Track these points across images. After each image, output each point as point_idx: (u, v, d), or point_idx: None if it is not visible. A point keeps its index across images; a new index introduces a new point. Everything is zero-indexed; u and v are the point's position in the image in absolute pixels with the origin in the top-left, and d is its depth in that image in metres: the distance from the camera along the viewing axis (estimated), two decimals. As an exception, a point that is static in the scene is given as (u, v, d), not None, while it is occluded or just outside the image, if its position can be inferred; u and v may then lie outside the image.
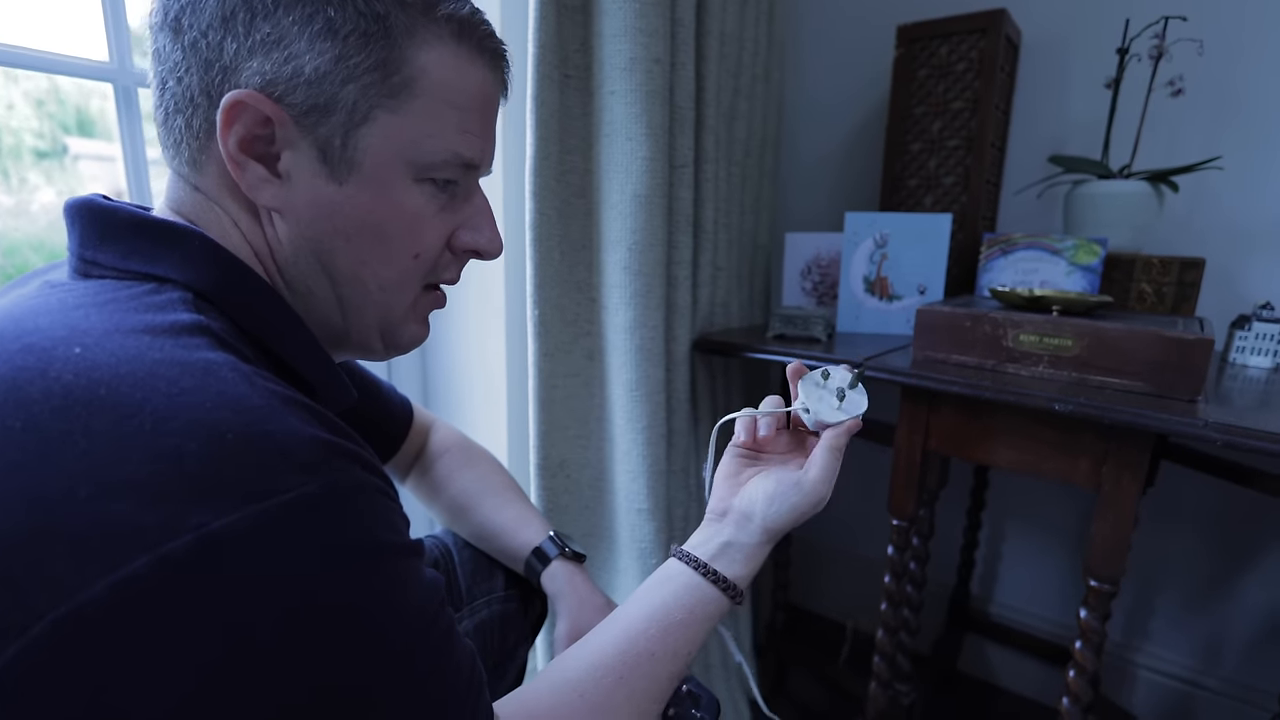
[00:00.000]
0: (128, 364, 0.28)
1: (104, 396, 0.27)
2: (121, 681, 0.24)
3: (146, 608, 0.24)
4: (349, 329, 0.43)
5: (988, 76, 0.99)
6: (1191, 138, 0.99)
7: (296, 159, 0.37)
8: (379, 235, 0.39)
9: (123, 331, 0.30)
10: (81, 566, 0.24)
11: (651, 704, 0.45)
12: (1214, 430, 0.62)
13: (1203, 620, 1.11)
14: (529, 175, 0.83)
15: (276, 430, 0.28)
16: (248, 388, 0.29)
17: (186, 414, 0.27)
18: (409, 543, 0.33)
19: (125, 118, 0.84)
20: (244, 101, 0.34)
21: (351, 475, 0.30)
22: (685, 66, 0.90)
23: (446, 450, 0.70)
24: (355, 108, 0.36)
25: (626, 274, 0.88)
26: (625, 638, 0.45)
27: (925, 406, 0.84)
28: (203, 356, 0.30)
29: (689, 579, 0.48)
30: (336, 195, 0.38)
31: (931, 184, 1.06)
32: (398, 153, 0.38)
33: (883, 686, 0.94)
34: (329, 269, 0.40)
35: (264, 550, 0.26)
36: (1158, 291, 0.93)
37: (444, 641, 0.34)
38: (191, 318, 0.32)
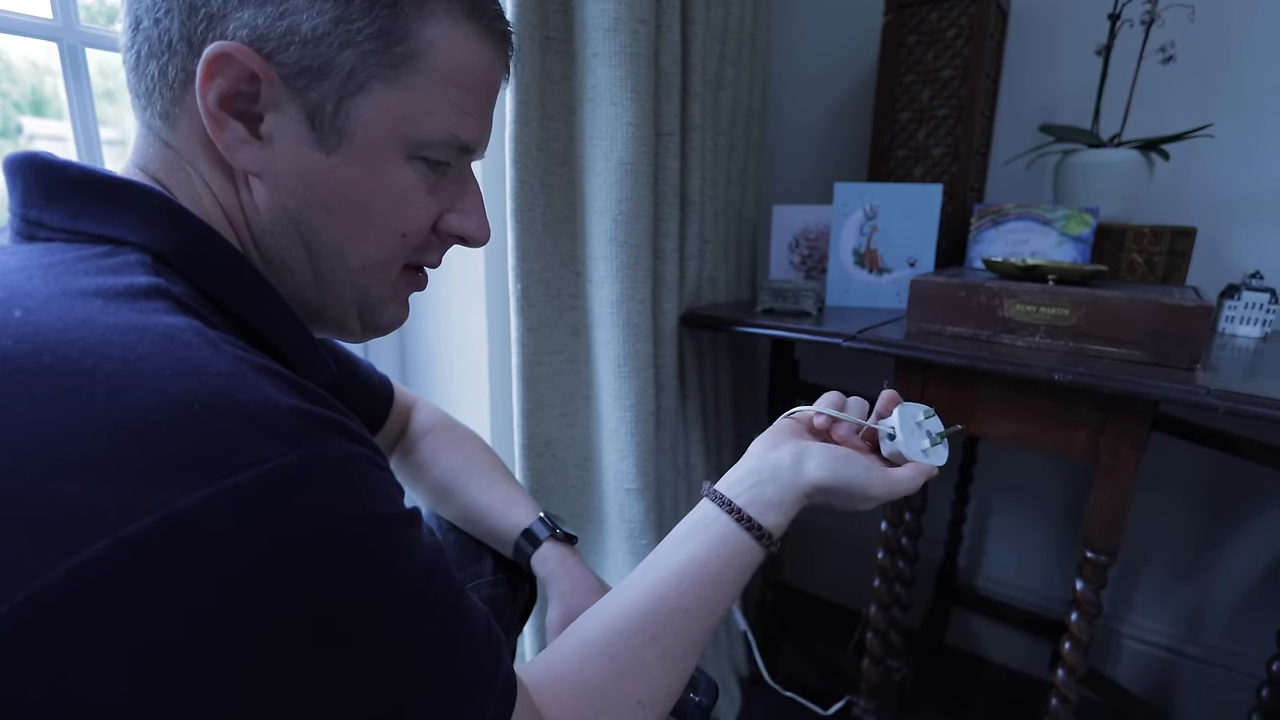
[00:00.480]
0: (77, 329, 0.25)
1: (49, 364, 0.23)
2: (81, 668, 0.22)
3: (108, 593, 0.22)
4: (325, 306, 0.40)
5: (979, 43, 0.95)
6: (1181, 106, 0.97)
7: (281, 122, 0.34)
8: (365, 211, 0.37)
9: (70, 294, 0.27)
10: (36, 552, 0.21)
11: (685, 659, 0.42)
12: (1216, 397, 0.60)
13: (1187, 589, 1.11)
14: (509, 143, 0.78)
15: (249, 399, 0.25)
16: (213, 354, 0.26)
17: (146, 383, 0.24)
18: (406, 512, 0.30)
19: (74, 83, 0.78)
20: (230, 55, 0.31)
21: (336, 445, 0.27)
22: (671, 29, 0.85)
23: (430, 430, 0.66)
24: (352, 75, 0.33)
25: (613, 245, 0.84)
26: (657, 594, 0.42)
27: (920, 379, 0.81)
28: (162, 320, 0.27)
29: (723, 526, 0.45)
30: (323, 165, 0.35)
31: (921, 154, 1.03)
32: (393, 127, 0.35)
33: (876, 663, 0.92)
34: (309, 242, 0.37)
35: (237, 530, 0.23)
36: (1149, 261, 0.91)
37: (455, 606, 0.32)
38: (149, 280, 0.29)
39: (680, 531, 0.46)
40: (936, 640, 1.28)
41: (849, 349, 0.80)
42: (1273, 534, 1.02)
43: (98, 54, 0.77)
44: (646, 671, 0.40)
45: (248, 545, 0.23)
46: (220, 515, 0.23)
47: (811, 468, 0.46)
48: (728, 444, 1.18)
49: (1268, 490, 1.01)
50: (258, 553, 0.24)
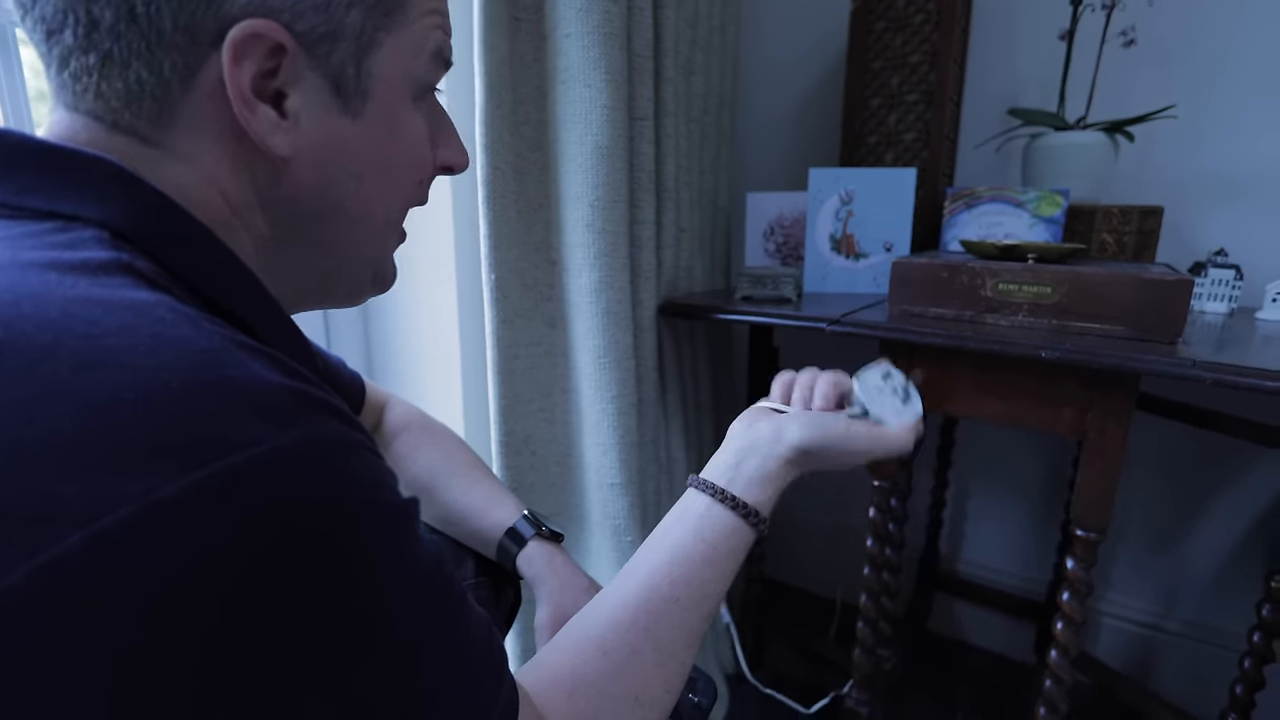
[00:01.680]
0: (30, 301, 0.22)
1: (1, 341, 0.20)
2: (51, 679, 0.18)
3: (77, 595, 0.18)
4: (342, 274, 0.37)
5: (946, 28, 0.93)
6: (1144, 88, 0.96)
7: (305, 96, 0.31)
8: (389, 168, 0.35)
9: (19, 266, 0.23)
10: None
11: (684, 650, 0.40)
12: (1203, 369, 0.58)
13: (1164, 565, 1.10)
14: (479, 128, 0.73)
15: (235, 375, 0.22)
16: (192, 329, 0.23)
17: (115, 358, 0.21)
18: (404, 502, 0.27)
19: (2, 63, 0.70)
20: (261, 33, 0.28)
21: (330, 428, 0.24)
22: (643, 11, 0.81)
23: (405, 428, 0.61)
24: (362, 32, 0.32)
25: (590, 232, 0.78)
26: (646, 584, 0.40)
27: (904, 361, 0.77)
28: (128, 295, 0.23)
29: (707, 508, 0.43)
30: (350, 130, 0.33)
31: (892, 140, 1.00)
32: (403, 74, 0.34)
33: (867, 653, 0.88)
34: (336, 213, 0.34)
35: (230, 519, 0.20)
36: (1119, 240, 0.89)
37: (460, 611, 0.29)
38: (109, 254, 0.25)
39: (667, 522, 0.44)
40: (921, 628, 1.25)
41: (831, 334, 0.77)
42: (1245, 507, 1.02)
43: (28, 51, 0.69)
44: (642, 666, 0.38)
45: (239, 535, 0.20)
46: (211, 503, 0.20)
47: (791, 433, 0.46)
48: (708, 435, 1.13)
49: (1238, 463, 1.01)
50: (250, 543, 0.21)
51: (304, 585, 0.22)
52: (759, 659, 1.16)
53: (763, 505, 0.44)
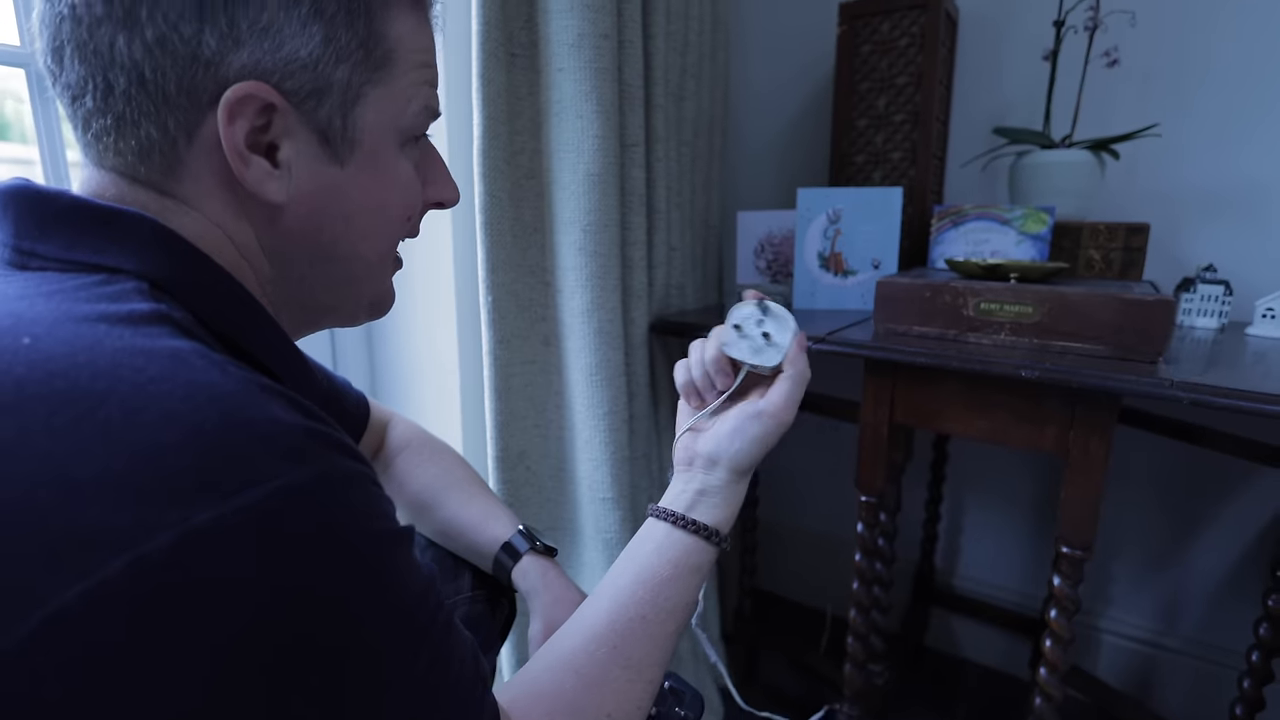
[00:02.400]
0: (85, 353, 0.24)
1: (62, 390, 0.23)
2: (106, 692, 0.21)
3: (124, 614, 0.21)
4: (340, 304, 0.40)
5: (930, 51, 0.94)
6: (1128, 106, 0.97)
7: (296, 148, 0.34)
8: (379, 210, 0.38)
9: (74, 320, 0.26)
10: (50, 575, 0.21)
11: (653, 668, 0.41)
12: (1181, 390, 0.58)
13: (1163, 582, 1.08)
14: (477, 157, 0.75)
15: (257, 417, 0.25)
16: (221, 375, 0.26)
17: (158, 404, 0.24)
18: (400, 530, 0.30)
19: (40, 108, 0.74)
20: (252, 94, 0.31)
21: (340, 463, 0.27)
22: (633, 44, 0.83)
23: (406, 445, 0.63)
24: (349, 86, 0.34)
25: (582, 255, 0.80)
26: (614, 605, 0.42)
27: (890, 379, 0.78)
28: (167, 344, 0.26)
29: (668, 533, 0.45)
30: (339, 178, 0.35)
31: (879, 159, 1.01)
32: (389, 124, 0.37)
33: (858, 668, 0.88)
34: (329, 252, 0.37)
35: (251, 543, 0.23)
36: (1105, 258, 0.89)
37: (445, 634, 0.31)
38: (150, 306, 0.28)
39: (631, 546, 0.46)
40: (917, 643, 1.24)
41: (817, 351, 0.77)
42: (1243, 524, 1.00)
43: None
44: (612, 684, 0.39)
45: (258, 558, 0.23)
46: (234, 530, 0.23)
47: (723, 461, 0.47)
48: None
49: (1234, 480, 1.00)
50: (267, 565, 0.23)
51: (309, 602, 0.24)
52: (752, 672, 1.16)
53: (724, 525, 0.46)
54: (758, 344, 0.47)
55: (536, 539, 0.58)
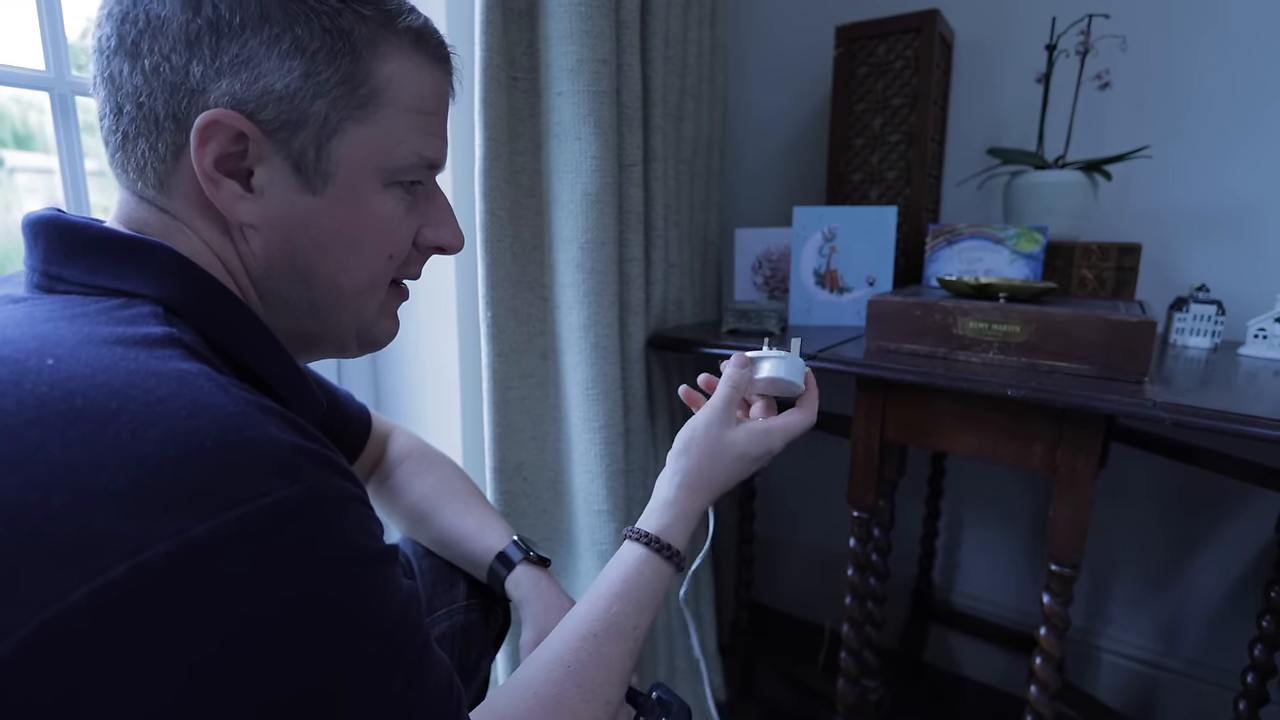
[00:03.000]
0: (103, 374, 0.26)
1: (80, 407, 0.25)
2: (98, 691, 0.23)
3: (124, 616, 0.23)
4: (325, 332, 0.41)
5: (925, 73, 0.96)
6: (1120, 128, 0.98)
7: (270, 173, 0.35)
8: (354, 242, 0.39)
9: (95, 342, 0.28)
10: (59, 576, 0.22)
11: (606, 688, 0.42)
12: (1163, 410, 0.59)
13: (1161, 601, 1.07)
14: (479, 176, 0.78)
15: (255, 436, 0.27)
16: (223, 396, 0.28)
17: (165, 422, 0.25)
18: (386, 549, 0.32)
19: (62, 127, 0.78)
20: (219, 120, 0.33)
21: (330, 482, 0.29)
22: (631, 68, 0.86)
23: (406, 457, 0.65)
24: (326, 121, 0.35)
25: (579, 272, 0.83)
26: (569, 626, 0.44)
27: (881, 396, 0.79)
28: (176, 366, 0.28)
29: (625, 547, 0.48)
30: (312, 206, 0.37)
31: (875, 178, 1.03)
32: (368, 161, 0.37)
33: (851, 683, 0.88)
34: (306, 278, 0.38)
35: (243, 555, 0.25)
36: (1098, 277, 0.90)
37: (423, 654, 0.32)
38: (163, 330, 0.30)
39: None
40: (915, 659, 1.24)
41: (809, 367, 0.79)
42: (1243, 544, 1.00)
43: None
44: (567, 703, 0.40)
45: (249, 568, 0.25)
46: (227, 541, 0.24)
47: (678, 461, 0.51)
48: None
49: (1232, 500, 0.99)
50: (257, 576, 0.25)
51: (293, 613, 0.26)
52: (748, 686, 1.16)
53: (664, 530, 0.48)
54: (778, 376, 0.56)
55: (530, 549, 0.59)
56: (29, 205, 0.81)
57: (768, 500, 1.39)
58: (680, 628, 1.05)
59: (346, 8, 0.35)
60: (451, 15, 0.86)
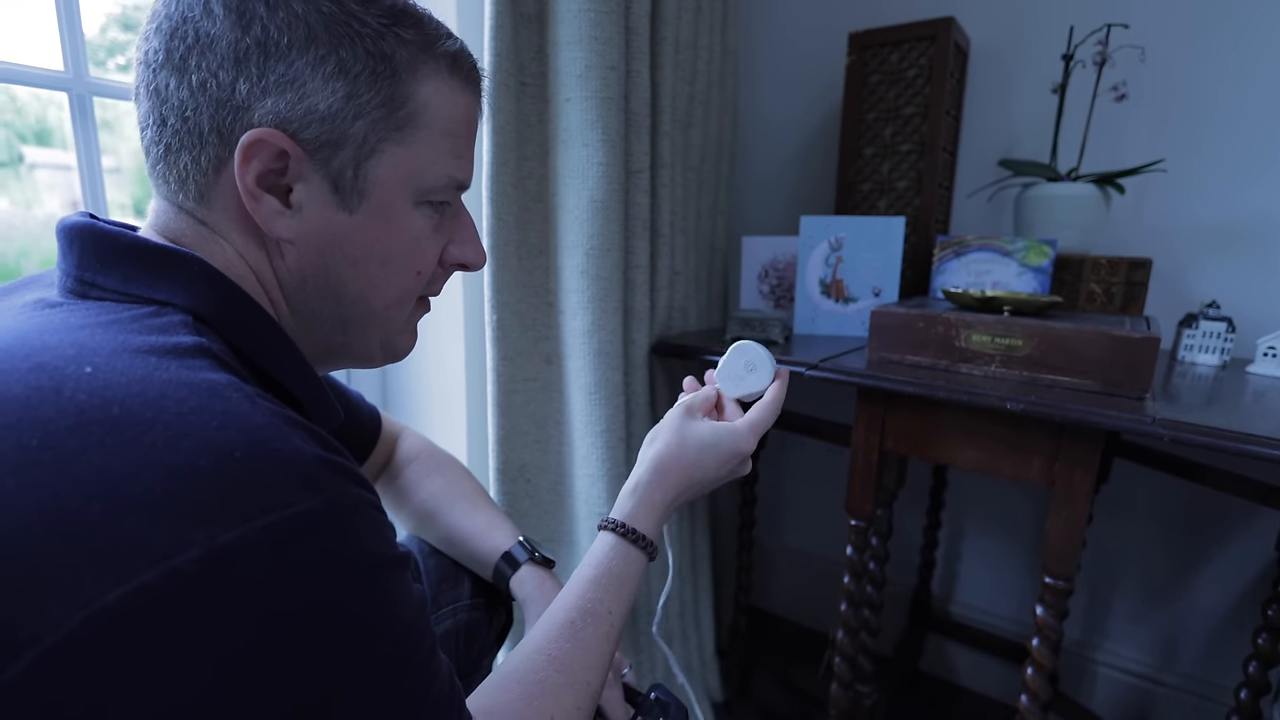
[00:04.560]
0: (138, 384, 0.28)
1: (117, 416, 0.26)
2: (129, 691, 0.24)
3: (156, 617, 0.24)
4: (351, 345, 0.43)
5: (938, 82, 0.96)
6: (1136, 141, 0.97)
7: (309, 191, 0.36)
8: (385, 258, 0.40)
9: (129, 351, 0.29)
10: (96, 578, 0.23)
11: (585, 671, 0.44)
12: (1161, 426, 0.59)
13: (1160, 616, 1.07)
14: (486, 181, 0.79)
15: (281, 448, 0.28)
16: (251, 407, 0.29)
17: (196, 433, 0.27)
18: (399, 554, 0.33)
19: (80, 127, 0.80)
20: (264, 139, 0.34)
21: (349, 492, 0.30)
22: (640, 74, 0.87)
23: (415, 458, 0.67)
24: (365, 141, 0.36)
25: (584, 278, 0.84)
26: (550, 616, 0.46)
27: (881, 407, 0.80)
28: (206, 377, 0.29)
29: (598, 537, 0.50)
30: (347, 224, 0.38)
31: (885, 188, 1.03)
32: (403, 181, 0.38)
33: (844, 688, 0.89)
34: (338, 294, 0.39)
35: (268, 562, 0.26)
36: (1107, 291, 0.90)
37: (429, 657, 0.33)
38: (193, 340, 0.31)
39: None
40: (911, 667, 1.25)
41: (810, 377, 0.80)
42: (1244, 560, 0.99)
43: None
44: (552, 689, 0.42)
45: (273, 574, 0.26)
46: (253, 549, 0.25)
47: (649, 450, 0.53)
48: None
49: (1235, 518, 0.99)
50: (281, 582, 0.26)
51: (311, 617, 0.27)
52: (745, 690, 1.17)
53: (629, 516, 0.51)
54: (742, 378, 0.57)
55: (535, 550, 0.61)
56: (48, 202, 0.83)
57: (768, 507, 1.40)
58: (679, 632, 1.07)
59: (389, 31, 0.36)
60: (462, 20, 0.88)
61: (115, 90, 0.80)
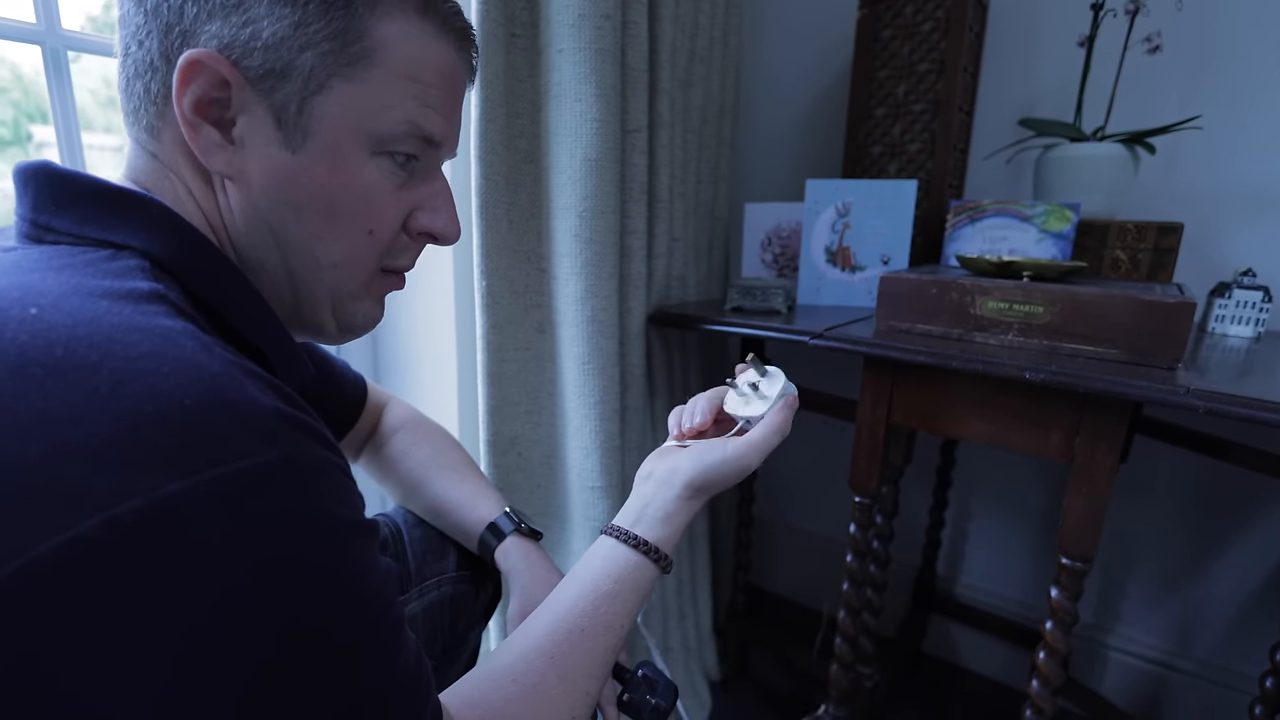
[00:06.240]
0: (85, 326, 0.25)
1: (60, 358, 0.24)
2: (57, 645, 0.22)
3: (92, 570, 0.22)
4: (300, 306, 0.39)
5: (955, 36, 0.88)
6: (1169, 97, 0.89)
7: (251, 124, 0.34)
8: (331, 208, 0.36)
9: (80, 294, 0.27)
10: (30, 526, 0.22)
11: (588, 680, 0.41)
12: (1196, 397, 0.54)
13: (1177, 600, 1.01)
14: (474, 139, 0.74)
15: (236, 399, 0.26)
16: (206, 356, 0.27)
17: (145, 379, 0.24)
18: (365, 522, 0.31)
19: (55, 83, 0.75)
20: (201, 61, 0.32)
21: (308, 449, 0.27)
22: (638, 25, 0.80)
23: (401, 427, 0.64)
24: (312, 75, 0.34)
25: (577, 242, 0.78)
26: (554, 617, 0.42)
27: (889, 378, 0.74)
28: (161, 323, 0.27)
29: (612, 548, 0.46)
30: (289, 163, 0.35)
31: (896, 151, 0.96)
32: (354, 123, 0.35)
33: (845, 669, 0.85)
34: (279, 241, 0.37)
35: (217, 517, 0.24)
36: (1133, 258, 0.83)
37: (396, 629, 0.31)
38: (149, 285, 0.29)
39: (579, 563, 0.46)
40: (913, 648, 1.20)
41: (814, 347, 0.74)
42: (1268, 543, 0.93)
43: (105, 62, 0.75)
44: (548, 693, 0.39)
45: (222, 530, 0.24)
46: (202, 502, 0.23)
47: (681, 473, 0.48)
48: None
49: (1262, 498, 0.92)
50: (231, 538, 0.24)
51: (264, 577, 0.25)
52: (742, 669, 1.14)
53: (664, 542, 0.46)
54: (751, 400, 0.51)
55: (521, 521, 0.58)
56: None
57: (768, 483, 1.35)
58: (675, 610, 1.03)
59: None
60: (451, -32, 0.82)
61: (92, 45, 0.75)
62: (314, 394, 0.55)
